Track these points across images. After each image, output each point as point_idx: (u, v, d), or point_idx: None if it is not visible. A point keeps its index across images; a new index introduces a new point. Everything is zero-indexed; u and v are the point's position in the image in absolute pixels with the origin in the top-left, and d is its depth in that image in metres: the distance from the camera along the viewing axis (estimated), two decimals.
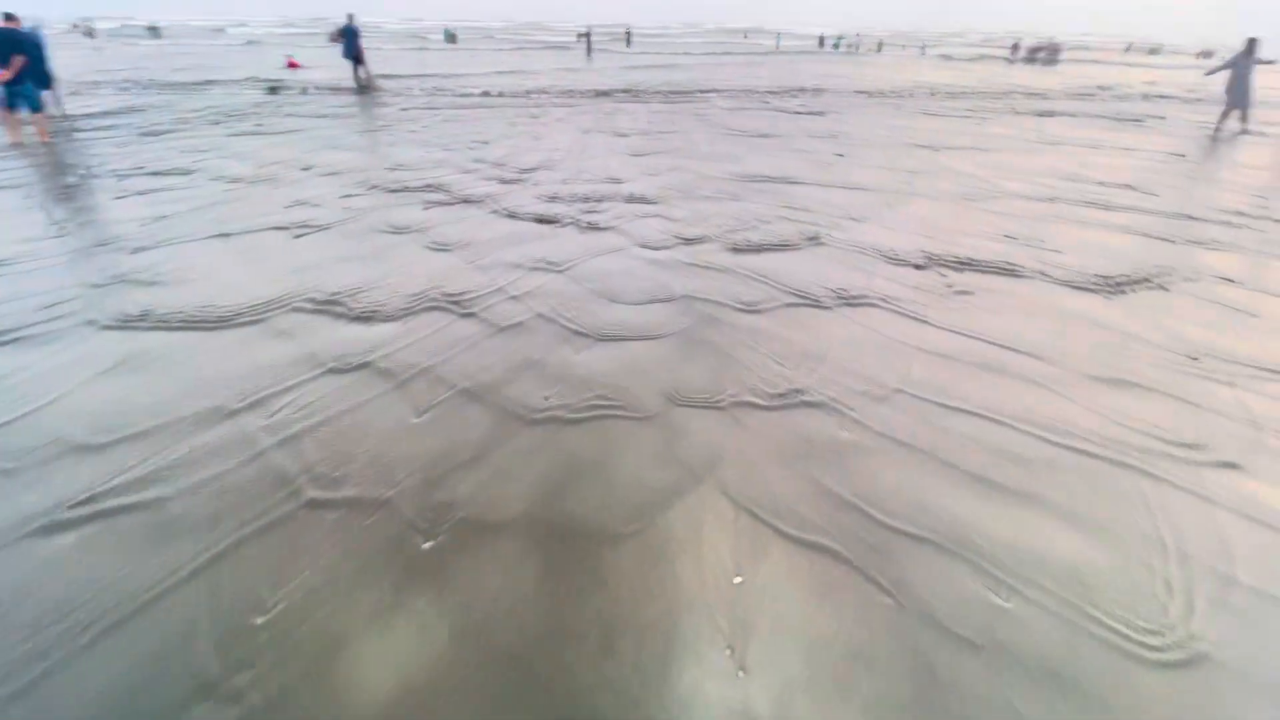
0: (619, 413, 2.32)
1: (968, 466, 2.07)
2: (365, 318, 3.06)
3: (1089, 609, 1.59)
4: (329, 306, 3.17)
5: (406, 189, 5.54)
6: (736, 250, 4.06)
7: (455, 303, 3.21)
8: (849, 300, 3.27)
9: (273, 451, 2.12)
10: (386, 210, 4.90)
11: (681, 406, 2.36)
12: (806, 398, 2.42)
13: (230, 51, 23.30)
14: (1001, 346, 2.82)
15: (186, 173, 6.02)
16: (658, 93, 13.27)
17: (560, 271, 3.67)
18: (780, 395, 2.43)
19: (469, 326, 2.97)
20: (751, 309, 3.19)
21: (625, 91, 13.46)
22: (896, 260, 3.86)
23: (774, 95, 13.30)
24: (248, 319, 3.04)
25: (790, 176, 6.17)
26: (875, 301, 3.26)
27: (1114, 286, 3.49)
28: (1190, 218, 4.92)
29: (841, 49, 39.27)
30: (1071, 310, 3.20)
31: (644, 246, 4.14)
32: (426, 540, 1.77)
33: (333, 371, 2.59)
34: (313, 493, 1.93)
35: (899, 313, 3.14)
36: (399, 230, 4.42)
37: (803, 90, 14.37)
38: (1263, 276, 3.75)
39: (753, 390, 2.46)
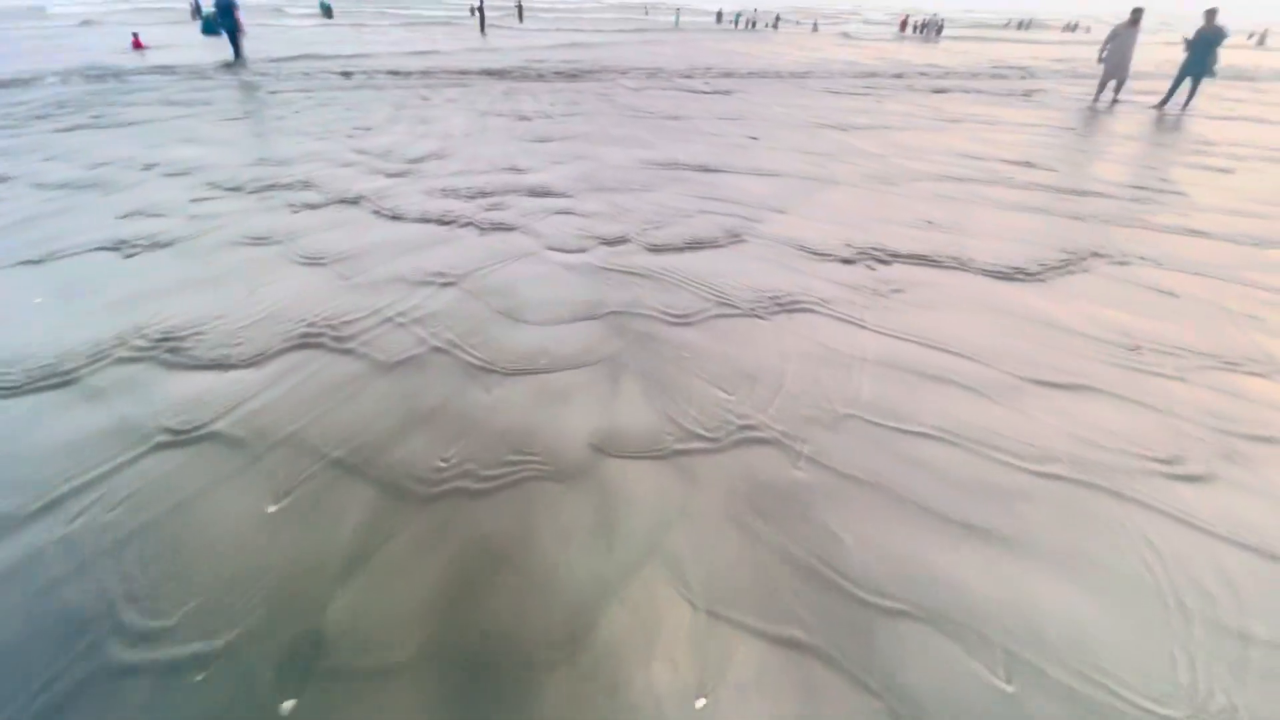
0: (539, 473, 1.91)
1: (937, 506, 1.83)
2: (211, 364, 2.45)
3: (1099, 679, 1.38)
4: (164, 352, 2.52)
5: (273, 188, 4.76)
6: (658, 250, 3.69)
7: (328, 335, 2.65)
8: (784, 305, 3.00)
9: (67, 583, 1.55)
10: (246, 217, 4.14)
11: (615, 458, 1.98)
12: (756, 433, 2.11)
13: (62, 33, 20.16)
14: (944, 351, 2.64)
15: None
16: (559, 72, 12.60)
17: (458, 285, 3.17)
18: (727, 433, 2.11)
19: (345, 367, 2.44)
20: (683, 321, 2.84)
21: (524, 70, 12.69)
22: (824, 255, 3.63)
23: (680, 76, 12.99)
24: (50, 380, 2.35)
25: (705, 163, 5.86)
26: (810, 305, 3.01)
27: (1037, 273, 3.43)
28: (1094, 194, 5.05)
29: (740, 25, 39.56)
30: (1003, 304, 3.09)
31: (557, 250, 3.70)
32: (285, 699, 1.31)
33: (163, 446, 2.01)
34: (119, 649, 1.40)
35: (836, 317, 2.90)
36: (260, 241, 3.72)
37: (708, 69, 14.14)
38: (1174, 253, 3.83)
39: (696, 429, 2.12)
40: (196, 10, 12.29)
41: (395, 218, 4.18)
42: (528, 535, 1.71)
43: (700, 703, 1.32)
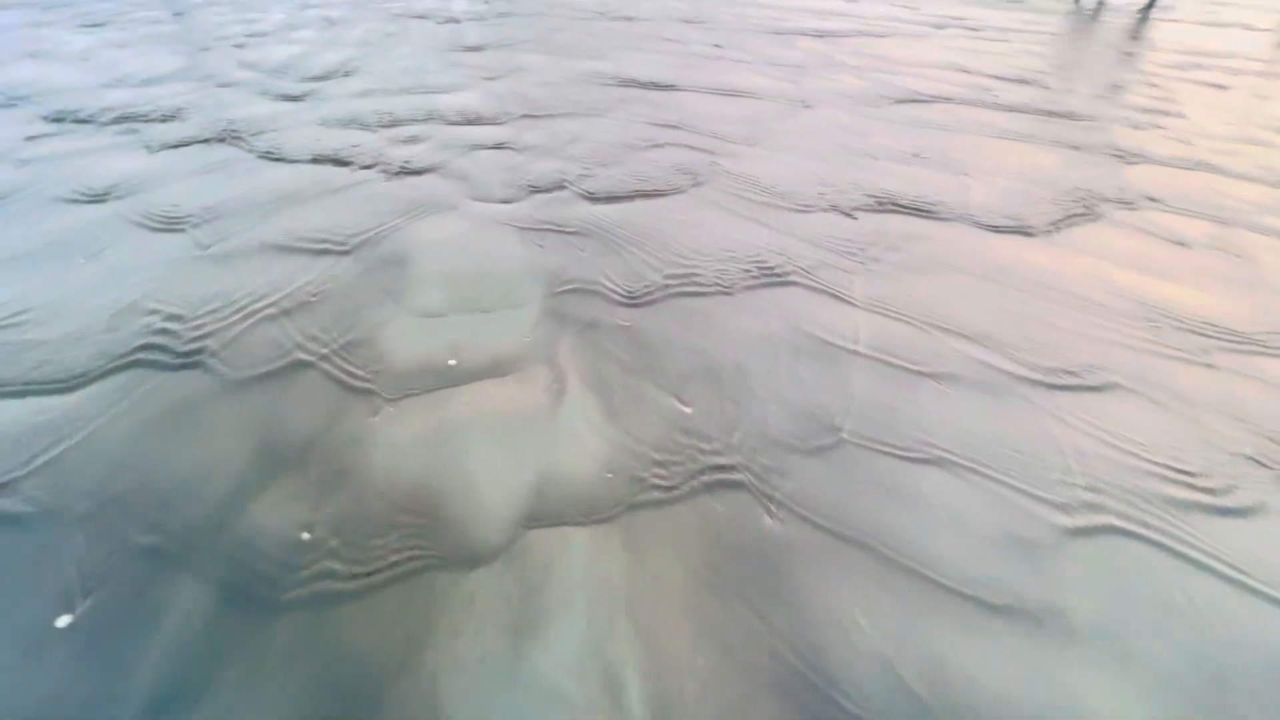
0: (435, 558, 1.43)
1: (947, 571, 1.44)
2: (3, 394, 1.83)
3: None
4: None
5: (130, 119, 3.86)
6: (605, 199, 3.07)
7: (170, 337, 2.04)
8: (756, 275, 2.48)
9: None
10: (91, 160, 3.31)
11: (542, 528, 1.51)
12: (721, 472, 1.65)
13: None
14: (948, 331, 2.19)
15: None
16: None
17: (350, 255, 2.53)
18: (686, 473, 1.65)
19: (185, 388, 1.85)
20: (633, 300, 2.31)
21: None
22: (802, 204, 3.08)
23: None
24: None
25: (661, 79, 5.07)
26: (787, 274, 2.49)
27: (1040, 226, 2.97)
28: (1090, 118, 4.53)
29: None
30: (1007, 266, 2.63)
31: (482, 200, 3.04)
32: None
33: None
34: None
35: (818, 289, 2.40)
36: (102, 197, 2.95)
37: None
38: (1187, 194, 3.39)
39: (648, 472, 1.65)
40: None
41: (281, 158, 3.40)
42: (417, 655, 1.25)
43: None
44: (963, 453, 1.73)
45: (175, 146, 3.50)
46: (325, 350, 1.98)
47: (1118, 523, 1.55)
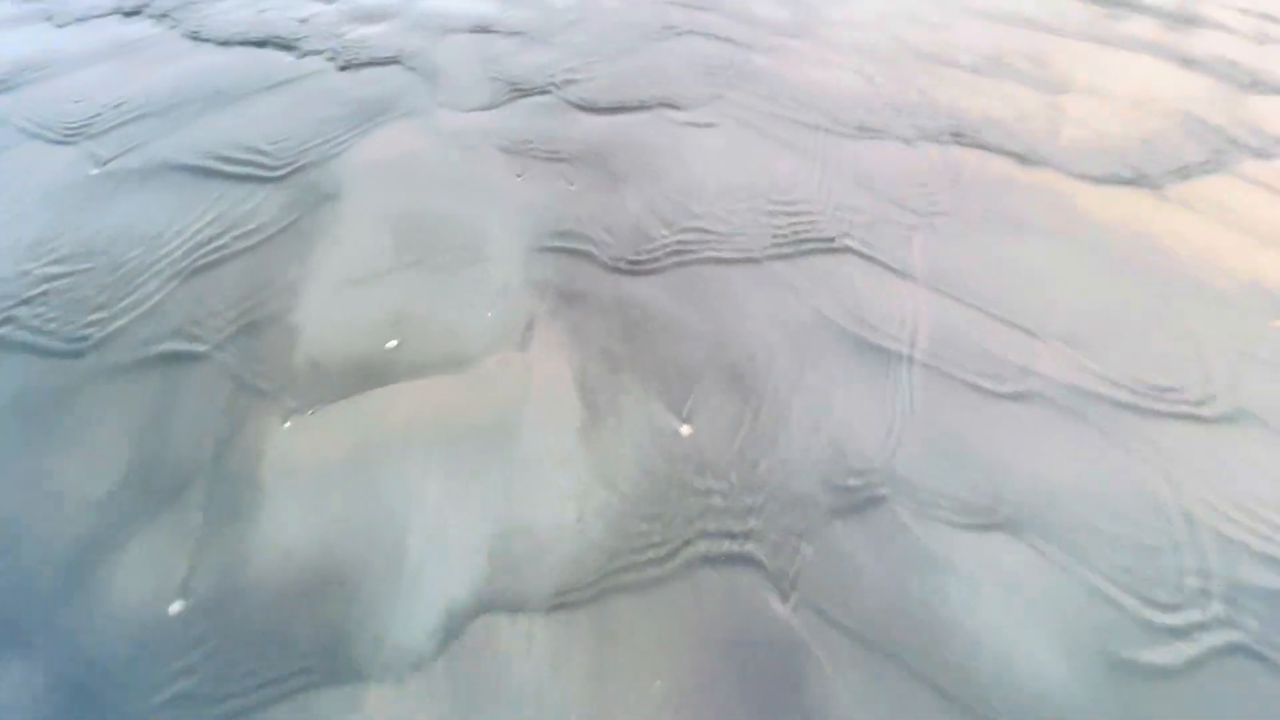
0: (334, 675, 1.09)
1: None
2: None
3: None
4: None
5: None
6: (604, 109, 2.46)
7: (28, 308, 1.60)
8: (791, 236, 1.94)
9: None
10: None
11: (489, 614, 1.15)
12: (731, 541, 1.26)
13: None
14: (1029, 330, 1.70)
15: None
16: None
17: (282, 182, 2.02)
18: (684, 536, 1.26)
19: (31, 377, 1.45)
20: (631, 266, 1.81)
21: None
22: (855, 127, 2.43)
23: None
24: None
25: None
26: (829, 236, 1.95)
27: (1158, 175, 2.32)
28: (1207, 24, 3.61)
29: None
30: (1112, 233, 2.04)
31: (451, 106, 2.44)
32: None
33: None
34: None
35: (868, 258, 1.88)
36: None
37: None
38: None
39: (635, 530, 1.27)
40: None
41: (209, 39, 2.75)
42: None
43: None
44: (1038, 517, 1.32)
45: (85, 20, 2.84)
46: (222, 334, 1.54)
47: (1248, 641, 1.17)
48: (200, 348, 1.50)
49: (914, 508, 1.31)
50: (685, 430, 1.44)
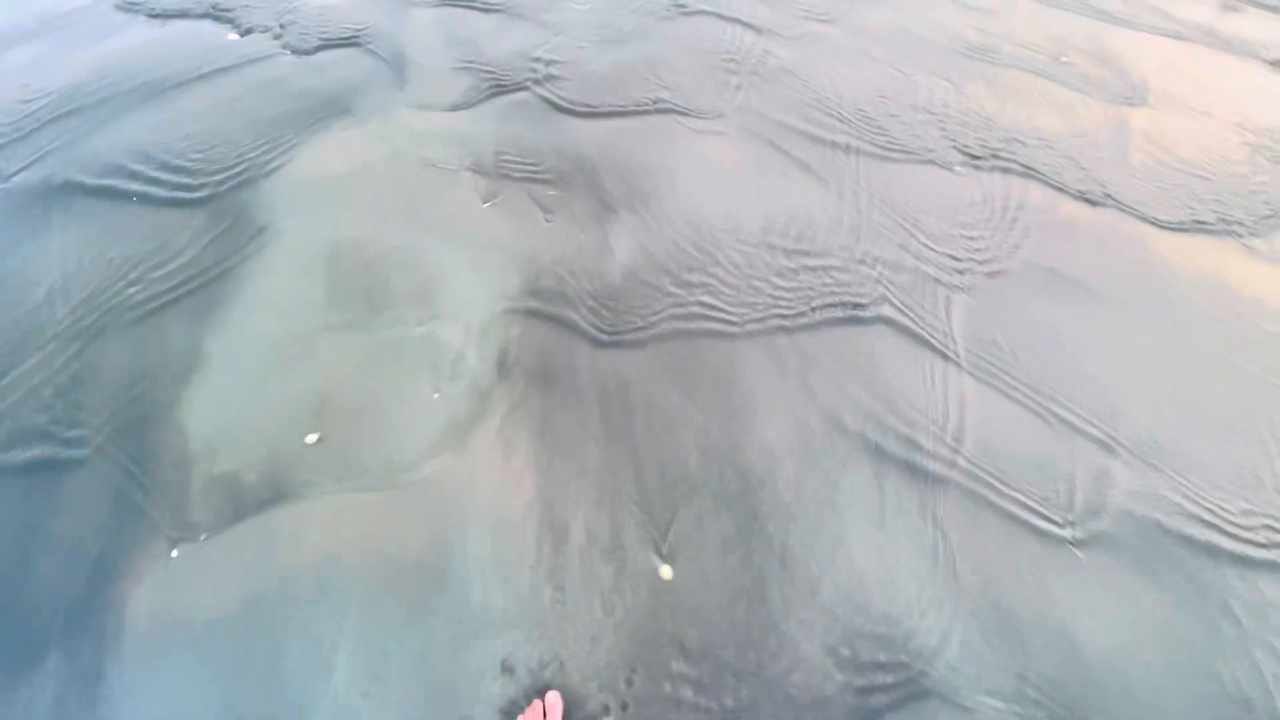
0: None
1: None
2: None
3: None
4: None
5: None
6: (596, 113, 2.08)
7: None
8: (812, 300, 1.60)
9: None
10: None
11: None
12: None
13: None
14: (1097, 437, 1.39)
15: None
16: None
17: (205, 205, 1.69)
18: None
19: None
20: (614, 338, 1.50)
21: None
22: (888, 144, 2.05)
23: None
24: None
25: None
26: (855, 297, 1.62)
27: (1252, 222, 1.93)
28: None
29: None
30: (1198, 300, 1.70)
31: (416, 103, 2.08)
32: None
33: None
34: None
35: (902, 329, 1.55)
36: None
37: None
38: None
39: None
40: None
41: (144, 11, 2.36)
42: None
43: None
44: None
45: None
46: (102, 433, 1.25)
47: None
48: (76, 453, 1.22)
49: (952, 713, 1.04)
50: (665, 573, 1.17)
